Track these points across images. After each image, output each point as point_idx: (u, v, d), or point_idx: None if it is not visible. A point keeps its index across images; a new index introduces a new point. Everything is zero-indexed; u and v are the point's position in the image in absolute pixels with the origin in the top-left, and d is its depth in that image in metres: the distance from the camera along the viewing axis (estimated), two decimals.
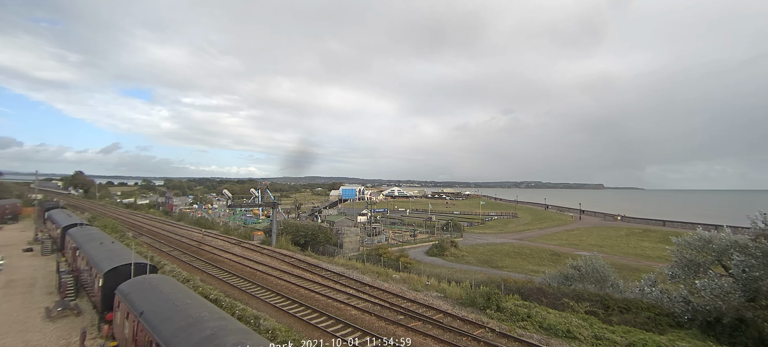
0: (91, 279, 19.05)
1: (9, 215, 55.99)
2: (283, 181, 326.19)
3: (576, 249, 53.90)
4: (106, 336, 15.47)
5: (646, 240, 63.41)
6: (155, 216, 69.91)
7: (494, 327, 17.33)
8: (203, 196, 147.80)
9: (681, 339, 16.36)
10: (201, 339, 9.68)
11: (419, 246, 59.10)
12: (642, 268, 39.30)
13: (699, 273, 20.34)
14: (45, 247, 33.83)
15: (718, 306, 17.73)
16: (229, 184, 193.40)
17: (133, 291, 13.86)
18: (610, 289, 23.41)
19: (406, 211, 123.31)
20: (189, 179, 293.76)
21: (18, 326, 17.70)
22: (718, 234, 20.62)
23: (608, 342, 16.17)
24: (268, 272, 27.95)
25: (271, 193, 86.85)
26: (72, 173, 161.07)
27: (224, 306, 17.74)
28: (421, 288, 23.85)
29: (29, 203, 63.89)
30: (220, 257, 33.64)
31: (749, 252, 18.25)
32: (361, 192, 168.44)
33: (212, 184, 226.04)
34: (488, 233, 77.68)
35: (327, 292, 22.95)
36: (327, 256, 37.73)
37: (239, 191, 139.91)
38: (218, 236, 45.80)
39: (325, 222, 72.10)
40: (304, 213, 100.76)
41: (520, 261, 50.49)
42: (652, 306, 20.23)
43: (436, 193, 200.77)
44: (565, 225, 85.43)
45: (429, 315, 18.97)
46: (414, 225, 78.92)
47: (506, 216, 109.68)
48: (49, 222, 39.18)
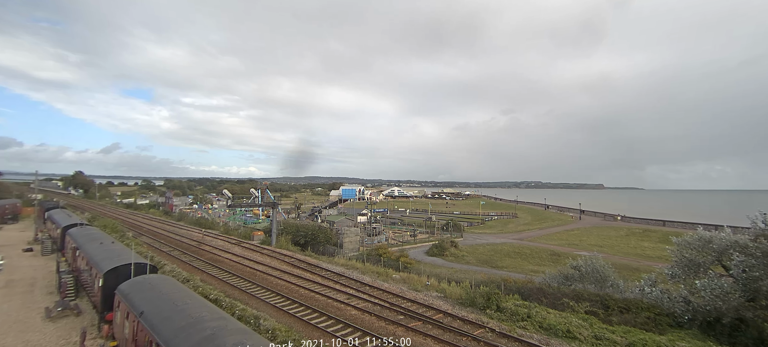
0: (91, 279, 19.05)
1: (9, 215, 55.99)
2: (283, 181, 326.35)
3: (576, 249, 53.89)
4: (106, 336, 15.48)
5: (646, 240, 63.38)
6: (155, 217, 69.93)
7: (494, 327, 17.33)
8: (203, 196, 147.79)
9: (681, 339, 16.37)
10: (201, 339, 9.68)
11: (419, 246, 59.08)
12: (642, 268, 39.30)
13: (699, 273, 20.33)
14: (45, 247, 33.83)
15: (718, 306, 17.73)
16: (229, 184, 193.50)
17: (133, 291, 13.86)
18: (610, 289, 23.40)
19: (406, 211, 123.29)
20: (189, 179, 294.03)
21: (18, 326, 17.70)
22: (718, 234, 20.61)
23: (608, 342, 16.17)
24: (268, 272, 27.95)
25: (271, 193, 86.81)
26: (72, 173, 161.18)
27: (224, 306, 17.75)
28: (421, 288, 23.85)
29: (29, 203, 63.90)
30: (220, 257, 33.64)
31: (749, 252, 18.24)
32: (361, 193, 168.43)
33: (212, 184, 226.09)
34: (488, 233, 77.67)
35: (327, 292, 22.96)
36: (327, 256, 37.73)
37: (239, 191, 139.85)
38: (218, 236, 45.81)
39: (325, 223, 72.11)
40: (304, 213, 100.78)
41: (520, 261, 50.49)
42: (652, 306, 20.21)
43: (436, 193, 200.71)
44: (565, 225, 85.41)
45: (429, 315, 18.97)
46: (414, 225, 78.89)
47: (506, 216, 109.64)
48: (49, 222, 39.18)
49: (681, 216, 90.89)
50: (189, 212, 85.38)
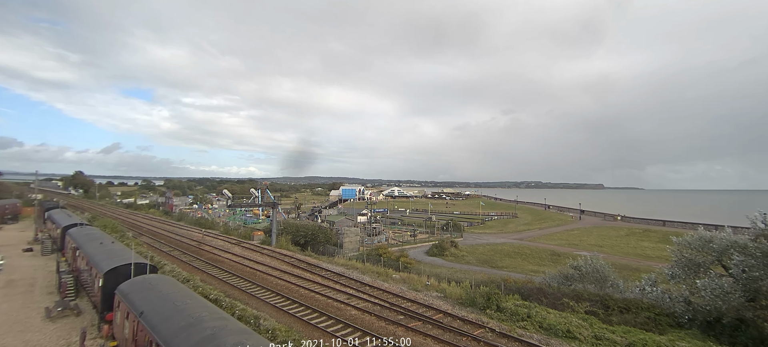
0: (91, 279, 19.05)
1: (9, 215, 55.99)
2: (283, 181, 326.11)
3: (576, 249, 53.89)
4: (106, 336, 15.47)
5: (646, 240, 63.37)
6: (155, 216, 69.92)
7: (494, 327, 17.33)
8: (203, 196, 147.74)
9: (681, 339, 16.36)
10: (201, 339, 9.68)
11: (419, 246, 59.06)
12: (642, 268, 39.29)
13: (699, 273, 20.32)
14: (45, 247, 33.83)
15: (718, 306, 17.73)
16: (229, 184, 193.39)
17: (133, 291, 13.86)
18: (610, 289, 23.40)
19: (406, 211, 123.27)
20: (189, 179, 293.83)
21: (18, 326, 17.70)
22: (718, 234, 20.61)
23: (608, 342, 16.17)
24: (268, 272, 27.95)
25: (271, 193, 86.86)
26: (72, 173, 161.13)
27: (224, 306, 17.75)
28: (421, 288, 23.85)
29: (29, 203, 63.92)
30: (220, 257, 33.64)
31: (749, 252, 18.24)
32: (361, 192, 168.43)
33: (212, 184, 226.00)
34: (488, 233, 77.65)
35: (327, 292, 22.95)
36: (327, 256, 37.72)
37: (239, 191, 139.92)
38: (218, 236, 45.82)
39: (325, 222, 72.08)
40: (304, 213, 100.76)
41: (520, 261, 50.48)
42: (652, 306, 20.23)
43: (436, 193, 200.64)
44: (565, 225, 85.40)
45: (429, 315, 18.97)
46: (414, 225, 78.88)
47: (506, 216, 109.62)
48: (49, 222, 39.18)
49: (681, 216, 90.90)
50: (189, 212, 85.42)
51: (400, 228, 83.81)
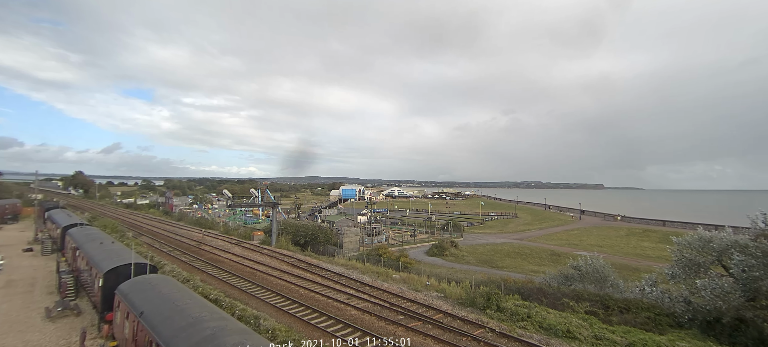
0: (91, 279, 19.05)
1: (9, 215, 55.99)
2: (283, 181, 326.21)
3: (576, 249, 53.88)
4: (106, 336, 15.47)
5: (646, 240, 63.39)
6: (155, 217, 69.92)
7: (494, 327, 17.33)
8: (203, 196, 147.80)
9: (681, 339, 16.36)
10: (201, 339, 9.68)
11: (419, 246, 59.06)
12: (642, 268, 39.30)
13: (699, 273, 20.32)
14: (45, 247, 33.83)
15: (718, 306, 17.73)
16: (229, 184, 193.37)
17: (133, 291, 13.86)
18: (610, 289, 23.40)
19: (406, 211, 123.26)
20: (189, 179, 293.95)
21: (18, 326, 17.70)
22: (718, 234, 20.60)
23: (608, 342, 16.16)
24: (268, 272, 27.95)
25: (271, 193, 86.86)
26: (72, 173, 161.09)
27: (224, 306, 17.75)
28: (421, 288, 23.84)
29: (29, 203, 63.90)
30: (220, 257, 33.64)
31: (749, 252, 18.24)
32: (361, 193, 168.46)
33: (212, 184, 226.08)
34: (488, 233, 77.66)
35: (327, 292, 22.95)
36: (327, 256, 37.72)
37: (239, 191, 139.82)
38: (218, 236, 45.81)
39: (325, 223, 72.10)
40: (304, 213, 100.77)
41: (520, 261, 50.48)
42: (652, 306, 20.22)
43: (436, 193, 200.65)
44: (565, 225, 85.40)
45: (429, 315, 18.96)
46: (414, 225, 78.85)
47: (506, 217, 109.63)
48: (49, 222, 39.18)
49: (681, 216, 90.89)
50: (189, 212, 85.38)
51: (400, 228, 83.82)
